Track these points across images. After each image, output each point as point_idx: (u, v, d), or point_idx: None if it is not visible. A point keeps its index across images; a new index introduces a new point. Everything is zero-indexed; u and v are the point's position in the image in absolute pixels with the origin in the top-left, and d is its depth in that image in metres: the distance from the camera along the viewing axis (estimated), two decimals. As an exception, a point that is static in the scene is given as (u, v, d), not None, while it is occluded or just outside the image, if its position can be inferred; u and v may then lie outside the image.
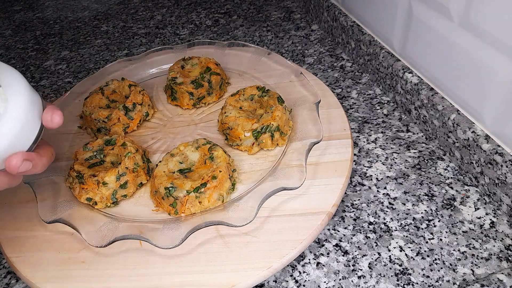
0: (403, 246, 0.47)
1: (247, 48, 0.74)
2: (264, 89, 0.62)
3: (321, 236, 0.50)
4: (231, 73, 0.73)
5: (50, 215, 0.49)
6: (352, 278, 0.45)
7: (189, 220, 0.48)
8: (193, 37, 0.94)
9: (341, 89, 0.72)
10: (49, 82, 0.84)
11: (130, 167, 0.53)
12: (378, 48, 0.69)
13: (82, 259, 0.47)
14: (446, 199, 0.52)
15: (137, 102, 0.64)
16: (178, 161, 0.54)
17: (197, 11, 1.05)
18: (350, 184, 0.55)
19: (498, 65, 0.47)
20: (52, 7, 1.17)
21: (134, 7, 1.12)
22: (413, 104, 0.62)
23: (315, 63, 0.80)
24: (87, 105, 0.63)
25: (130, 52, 0.91)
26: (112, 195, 0.52)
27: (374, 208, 0.52)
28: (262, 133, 0.56)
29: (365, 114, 0.66)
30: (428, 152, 0.59)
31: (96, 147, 0.57)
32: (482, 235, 0.47)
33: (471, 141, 0.52)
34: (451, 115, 0.55)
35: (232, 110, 0.59)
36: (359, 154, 0.60)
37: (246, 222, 0.46)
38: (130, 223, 0.49)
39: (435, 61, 0.57)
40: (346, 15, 0.79)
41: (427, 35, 0.58)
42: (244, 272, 0.43)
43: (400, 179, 0.55)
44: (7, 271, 0.50)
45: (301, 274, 0.46)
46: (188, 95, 0.66)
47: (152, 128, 0.65)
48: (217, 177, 0.50)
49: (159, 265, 0.45)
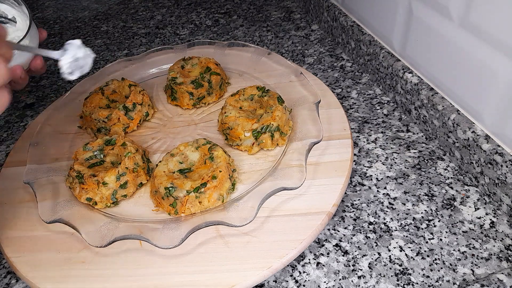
0: (403, 246, 0.47)
1: (247, 48, 0.74)
2: (264, 89, 0.62)
3: (321, 236, 0.50)
4: (231, 73, 0.73)
5: (50, 215, 0.49)
6: (352, 278, 0.45)
7: (189, 220, 0.48)
8: (193, 37, 0.94)
9: (341, 89, 0.72)
10: (49, 82, 0.84)
11: (130, 167, 0.53)
12: (378, 48, 0.69)
13: (82, 259, 0.47)
14: (446, 199, 0.52)
15: (137, 102, 0.64)
16: (178, 161, 0.54)
17: (197, 11, 1.05)
18: (350, 184, 0.55)
19: (498, 65, 0.47)
20: (52, 7, 1.17)
21: (134, 7, 1.12)
22: (413, 104, 0.62)
23: (315, 63, 0.80)
24: (87, 105, 0.63)
25: (130, 52, 0.91)
26: (112, 195, 0.52)
27: (374, 208, 0.52)
28: (262, 133, 0.56)
29: (365, 114, 0.66)
30: (428, 152, 0.59)
31: (96, 147, 0.57)
32: (482, 235, 0.47)
33: (471, 141, 0.52)
34: (451, 115, 0.55)
35: (232, 110, 0.59)
36: (359, 154, 0.60)
37: (246, 222, 0.46)
38: (130, 223, 0.49)
39: (435, 61, 0.57)
40: (346, 15, 0.79)
41: (427, 35, 0.58)
42: (244, 272, 0.43)
43: (400, 179, 0.55)
44: (7, 271, 0.50)
45: (301, 274, 0.46)
46: (188, 95, 0.66)
47: (152, 128, 0.65)
48: (217, 177, 0.50)
49: (159, 265, 0.45)
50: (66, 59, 0.50)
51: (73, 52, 0.51)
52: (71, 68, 0.51)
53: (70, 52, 0.50)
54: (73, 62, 0.51)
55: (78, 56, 0.50)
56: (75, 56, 0.50)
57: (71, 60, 0.50)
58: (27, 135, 0.65)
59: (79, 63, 0.51)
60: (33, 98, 0.79)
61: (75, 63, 0.51)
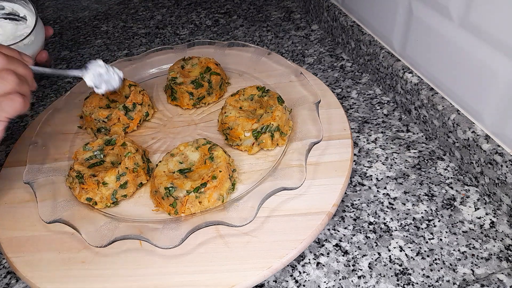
0: (403, 246, 0.47)
1: (247, 48, 0.74)
2: (264, 89, 0.62)
3: (321, 236, 0.50)
4: (231, 73, 0.73)
5: (50, 215, 0.49)
6: (352, 278, 0.45)
7: (189, 220, 0.48)
8: (193, 37, 0.94)
9: (341, 89, 0.72)
10: (49, 82, 0.84)
11: (130, 167, 0.53)
12: (378, 48, 0.69)
13: (82, 259, 0.47)
14: (446, 199, 0.52)
15: (137, 102, 0.64)
16: (178, 161, 0.54)
17: (197, 11, 1.05)
18: (350, 184, 0.55)
19: (498, 65, 0.47)
20: (52, 7, 1.17)
21: (134, 7, 1.12)
22: (413, 104, 0.62)
23: (315, 63, 0.80)
24: (87, 105, 0.63)
25: (130, 52, 0.91)
26: (112, 195, 0.52)
27: (374, 208, 0.52)
28: (262, 133, 0.56)
29: (365, 114, 0.66)
30: (428, 152, 0.59)
31: (96, 147, 0.57)
32: (482, 235, 0.47)
33: (471, 141, 0.52)
34: (451, 115, 0.55)
35: (232, 110, 0.59)
36: (359, 154, 0.60)
37: (246, 222, 0.46)
38: (130, 223, 0.49)
39: (435, 61, 0.57)
40: (346, 15, 0.79)
41: (427, 35, 0.58)
42: (244, 272, 0.43)
43: (400, 179, 0.55)
44: (7, 271, 0.50)
45: (301, 274, 0.46)
46: (188, 95, 0.66)
47: (152, 128, 0.65)
48: (217, 177, 0.50)
49: (159, 265, 0.45)
50: (88, 76, 0.57)
51: (94, 69, 0.57)
52: (95, 82, 0.58)
53: (91, 69, 0.57)
54: (97, 77, 0.58)
55: (101, 71, 0.57)
56: (96, 73, 0.57)
57: (94, 76, 0.57)
58: (27, 135, 0.65)
59: (103, 77, 0.58)
60: (33, 98, 0.79)
61: (99, 78, 0.58)
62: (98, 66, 0.58)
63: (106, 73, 0.58)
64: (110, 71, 0.59)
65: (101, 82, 0.58)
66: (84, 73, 0.57)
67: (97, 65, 0.58)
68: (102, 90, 0.59)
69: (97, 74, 0.58)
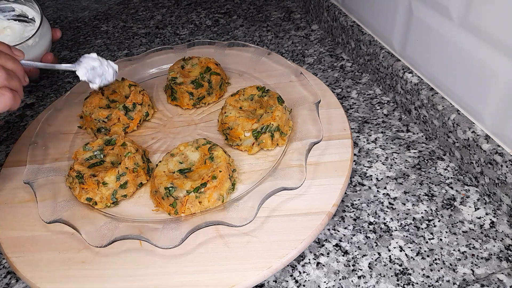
0: (403, 246, 0.47)
1: (247, 48, 0.74)
2: (264, 89, 0.62)
3: (321, 236, 0.50)
4: (231, 73, 0.73)
5: (50, 215, 0.49)
6: (352, 278, 0.45)
7: (189, 220, 0.48)
8: (193, 37, 0.94)
9: (341, 89, 0.72)
10: (49, 82, 0.84)
11: (130, 167, 0.53)
12: (378, 48, 0.69)
13: (82, 259, 0.47)
14: (446, 199, 0.52)
15: (137, 102, 0.64)
16: (178, 161, 0.54)
17: (197, 11, 1.05)
18: (350, 184, 0.55)
19: (498, 65, 0.47)
20: (52, 7, 1.17)
21: (134, 7, 1.12)
22: (413, 104, 0.62)
23: (315, 63, 0.80)
24: (87, 105, 0.63)
25: (130, 52, 0.91)
26: (112, 195, 0.52)
27: (374, 208, 0.52)
28: (262, 133, 0.56)
29: (365, 114, 0.66)
30: (428, 152, 0.59)
31: (96, 147, 0.57)
32: (482, 235, 0.47)
33: (471, 141, 0.52)
34: (451, 115, 0.55)
35: (232, 110, 0.59)
36: (359, 154, 0.60)
37: (246, 222, 0.46)
38: (130, 223, 0.49)
39: (435, 61, 0.57)
40: (346, 15, 0.79)
41: (427, 35, 0.58)
42: (244, 272, 0.43)
43: (400, 179, 0.55)
44: (7, 271, 0.50)
45: (301, 274, 0.46)
46: (188, 95, 0.66)
47: (152, 128, 0.65)
48: (217, 177, 0.50)
49: (159, 265, 0.45)
50: (81, 70, 0.55)
51: (88, 62, 0.56)
52: (88, 76, 0.56)
53: (84, 63, 0.56)
54: (90, 71, 0.56)
55: (94, 65, 0.55)
56: (90, 66, 0.56)
57: (87, 70, 0.56)
58: (27, 135, 0.65)
59: (97, 71, 0.56)
60: (33, 98, 0.79)
61: (92, 72, 0.56)
62: (91, 59, 0.56)
63: (100, 67, 0.57)
64: (104, 64, 0.57)
65: (94, 76, 0.56)
66: (77, 67, 0.55)
67: (90, 58, 0.56)
68: (96, 84, 0.57)
69: (90, 68, 0.56)
